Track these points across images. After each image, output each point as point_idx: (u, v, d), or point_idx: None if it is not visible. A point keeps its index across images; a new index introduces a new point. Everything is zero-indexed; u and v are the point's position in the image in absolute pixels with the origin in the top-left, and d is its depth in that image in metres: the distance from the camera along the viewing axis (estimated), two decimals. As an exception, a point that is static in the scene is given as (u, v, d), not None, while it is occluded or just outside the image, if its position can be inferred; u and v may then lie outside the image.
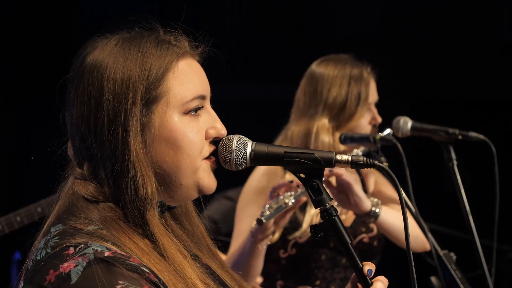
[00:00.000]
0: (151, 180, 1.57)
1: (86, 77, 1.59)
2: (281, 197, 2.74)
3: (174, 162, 1.60)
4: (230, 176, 1.70)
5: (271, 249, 2.98)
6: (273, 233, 2.86)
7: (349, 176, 2.75)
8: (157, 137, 1.59)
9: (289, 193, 2.75)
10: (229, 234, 3.21)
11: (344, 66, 3.06)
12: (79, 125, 1.59)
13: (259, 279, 3.09)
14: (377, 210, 2.82)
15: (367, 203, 2.78)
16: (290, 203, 2.73)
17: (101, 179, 1.57)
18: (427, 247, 2.98)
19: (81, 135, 1.59)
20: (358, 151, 2.90)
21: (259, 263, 2.86)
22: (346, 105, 3.02)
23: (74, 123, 1.60)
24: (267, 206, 2.73)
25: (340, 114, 3.02)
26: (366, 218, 2.83)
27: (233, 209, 3.78)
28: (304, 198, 2.79)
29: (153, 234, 1.56)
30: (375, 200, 2.85)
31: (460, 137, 2.93)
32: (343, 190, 2.76)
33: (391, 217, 2.87)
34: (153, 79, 1.58)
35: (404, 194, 1.85)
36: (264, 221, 2.71)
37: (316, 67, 3.10)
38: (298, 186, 2.75)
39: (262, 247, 2.82)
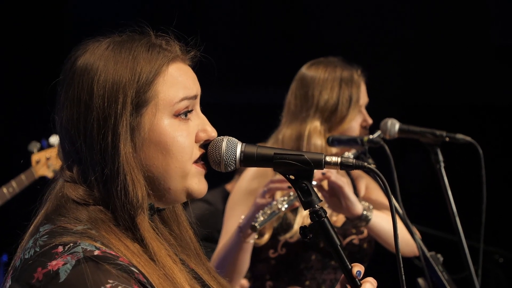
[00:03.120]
0: (141, 184, 1.57)
1: (76, 80, 1.59)
2: (274, 203, 2.76)
3: (163, 167, 1.60)
4: (209, 177, 1.70)
5: (260, 249, 2.99)
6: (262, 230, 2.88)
7: (341, 179, 2.77)
8: (147, 140, 1.59)
9: (282, 198, 2.77)
10: (204, 238, 3.21)
11: (335, 69, 3.08)
12: (68, 128, 1.59)
13: (245, 283, 3.10)
14: (369, 214, 2.84)
15: (358, 207, 2.80)
16: (283, 209, 2.76)
17: (90, 183, 1.57)
18: (417, 251, 3.00)
19: (70, 138, 1.59)
20: (350, 153, 2.92)
21: (246, 258, 2.87)
22: (337, 108, 3.03)
23: (64, 126, 1.60)
24: (261, 212, 2.75)
25: (332, 117, 3.03)
26: (357, 222, 2.86)
27: (208, 212, 3.77)
28: (296, 203, 2.80)
29: (143, 238, 1.56)
30: (367, 204, 2.87)
31: (447, 139, 2.95)
32: (335, 194, 2.78)
33: (382, 221, 2.89)
34: (143, 83, 1.58)
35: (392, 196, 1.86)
36: (258, 227, 2.73)
37: (306, 70, 3.10)
38: (289, 187, 2.76)
39: (249, 242, 2.84)
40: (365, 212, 2.83)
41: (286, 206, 2.76)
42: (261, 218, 2.74)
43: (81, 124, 1.57)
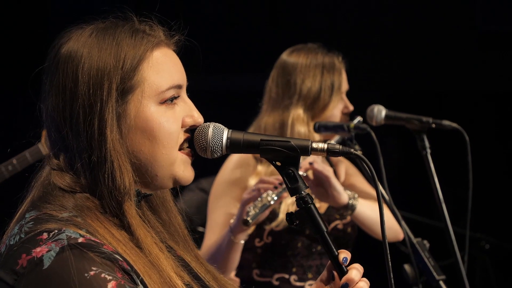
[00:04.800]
0: (128, 171, 1.57)
1: (60, 68, 1.58)
2: (264, 195, 2.76)
3: (150, 153, 1.60)
4: (205, 165, 1.70)
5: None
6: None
7: (327, 169, 2.77)
8: (133, 127, 1.59)
9: (271, 191, 2.77)
10: (203, 225, 3.21)
11: (316, 56, 3.07)
12: (54, 116, 1.58)
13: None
14: (354, 203, 2.85)
15: (344, 196, 2.81)
16: (272, 202, 2.76)
17: (77, 170, 1.57)
18: (400, 237, 3.02)
19: (56, 126, 1.59)
20: (333, 140, 2.92)
21: (236, 257, 2.88)
22: (320, 96, 3.03)
23: (50, 114, 1.60)
24: (252, 206, 2.75)
25: (315, 105, 3.03)
26: (343, 211, 2.87)
27: (206, 201, 3.79)
28: (285, 195, 2.81)
29: (130, 225, 1.56)
30: (352, 193, 2.88)
31: (433, 125, 2.95)
32: (321, 183, 2.78)
33: (367, 209, 2.90)
34: (128, 69, 1.58)
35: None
36: (250, 221, 2.73)
37: (287, 57, 3.09)
38: (280, 183, 2.77)
39: (241, 242, 2.84)
40: (350, 201, 2.85)
41: (276, 198, 2.77)
42: (253, 212, 2.74)
43: (67, 112, 1.57)
